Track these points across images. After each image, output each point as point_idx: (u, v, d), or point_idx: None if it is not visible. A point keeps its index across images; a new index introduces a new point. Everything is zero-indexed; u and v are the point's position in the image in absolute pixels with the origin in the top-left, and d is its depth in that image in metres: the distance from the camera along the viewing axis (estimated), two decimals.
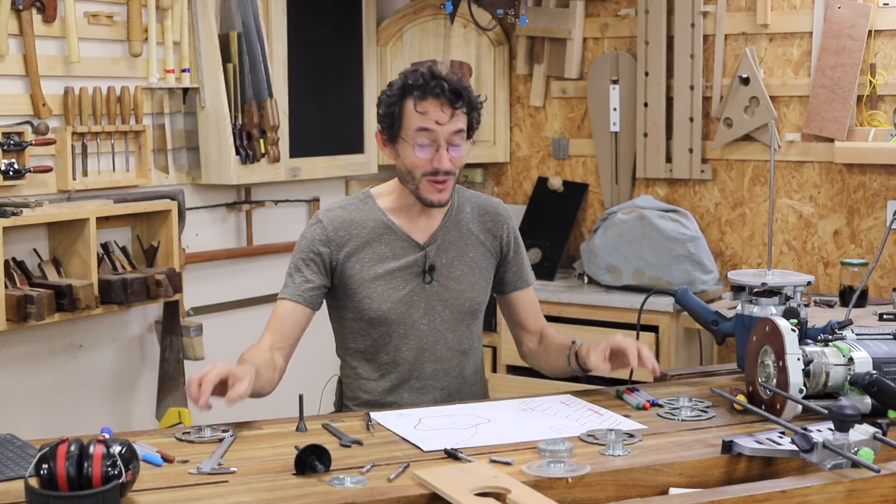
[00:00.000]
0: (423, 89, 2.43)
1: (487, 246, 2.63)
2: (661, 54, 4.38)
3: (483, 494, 1.74)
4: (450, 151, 2.45)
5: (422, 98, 2.43)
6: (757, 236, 4.34)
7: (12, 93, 3.46)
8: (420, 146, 2.44)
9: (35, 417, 3.58)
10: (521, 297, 2.70)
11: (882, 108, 4.05)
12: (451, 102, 2.43)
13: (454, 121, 2.44)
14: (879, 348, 2.27)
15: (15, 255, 3.44)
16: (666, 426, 2.20)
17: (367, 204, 2.57)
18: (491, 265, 2.64)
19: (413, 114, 2.44)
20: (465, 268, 2.59)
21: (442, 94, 2.42)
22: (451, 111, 2.44)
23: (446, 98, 2.43)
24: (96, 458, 1.68)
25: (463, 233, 2.59)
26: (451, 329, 2.58)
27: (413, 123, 2.44)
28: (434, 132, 2.43)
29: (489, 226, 2.64)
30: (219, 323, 4.17)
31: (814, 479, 1.83)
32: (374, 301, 2.51)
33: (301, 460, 1.90)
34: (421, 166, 2.45)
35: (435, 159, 2.44)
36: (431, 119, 2.43)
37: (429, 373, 2.57)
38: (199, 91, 3.97)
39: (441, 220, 2.58)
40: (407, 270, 2.54)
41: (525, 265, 2.70)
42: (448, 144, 2.45)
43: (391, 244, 2.53)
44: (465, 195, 2.65)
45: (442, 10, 4.21)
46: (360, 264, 2.52)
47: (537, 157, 4.79)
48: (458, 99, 2.44)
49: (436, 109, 2.43)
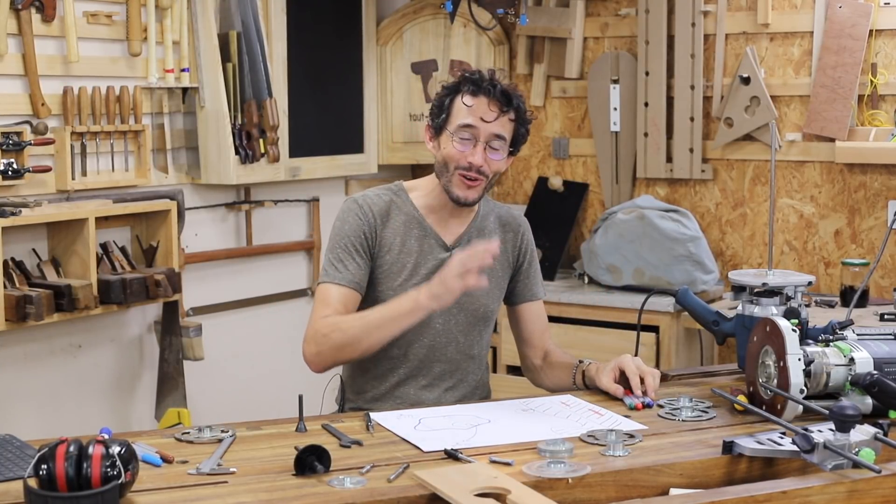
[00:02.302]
0: (477, 84, 2.49)
1: (506, 256, 2.66)
2: (662, 54, 4.38)
3: (483, 495, 1.73)
4: (488, 153, 2.49)
5: (474, 93, 2.49)
6: (758, 236, 4.34)
7: (11, 92, 3.45)
8: (461, 139, 2.49)
9: (34, 418, 3.58)
10: (528, 310, 2.72)
11: (883, 108, 4.04)
12: (500, 104, 2.48)
13: (498, 123, 2.49)
14: (880, 348, 2.27)
15: (14, 255, 3.44)
16: (666, 426, 2.20)
17: (401, 196, 2.60)
18: (506, 275, 2.68)
19: (461, 107, 2.49)
20: (483, 275, 2.59)
21: (493, 94, 2.48)
22: (498, 113, 2.48)
23: (496, 98, 2.48)
24: (95, 458, 1.67)
25: (485, 240, 2.60)
26: (464, 332, 2.61)
27: (459, 117, 2.49)
28: (477, 129, 2.48)
29: (509, 236, 2.68)
30: (218, 323, 4.17)
31: (815, 480, 1.82)
32: (397, 293, 2.52)
33: (301, 461, 1.90)
34: (456, 159, 2.49)
35: (471, 154, 2.48)
36: (477, 115, 2.47)
37: (437, 372, 2.59)
38: (198, 91, 3.96)
39: (468, 225, 2.61)
40: (431, 268, 2.55)
41: (537, 279, 2.72)
42: (487, 144, 2.48)
43: (420, 240, 2.56)
44: (489, 205, 2.69)
45: (442, 9, 4.21)
46: (391, 255, 2.54)
47: (537, 156, 4.78)
48: (508, 103, 2.49)
49: (483, 107, 2.48)
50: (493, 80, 2.50)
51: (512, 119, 2.51)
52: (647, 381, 2.37)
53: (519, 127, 2.54)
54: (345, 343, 2.40)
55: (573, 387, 2.55)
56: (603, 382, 2.44)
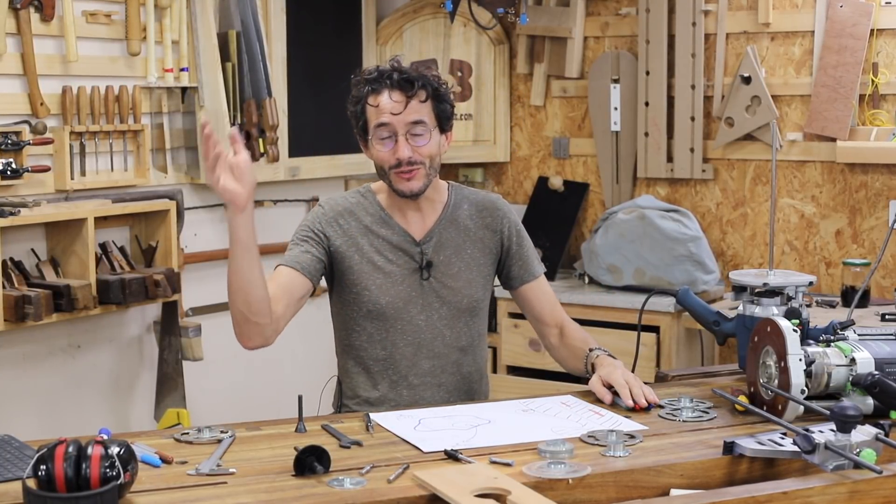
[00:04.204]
0: (376, 83, 2.48)
1: (486, 242, 2.63)
2: (663, 53, 4.37)
3: (483, 496, 1.73)
4: (411, 141, 2.47)
5: (375, 92, 2.48)
6: (758, 236, 4.33)
7: (10, 92, 3.45)
8: (380, 139, 2.48)
9: (33, 418, 3.57)
10: (531, 290, 2.69)
11: (884, 108, 4.04)
12: (404, 91, 2.46)
13: (410, 110, 2.46)
14: (881, 349, 2.26)
15: (13, 256, 3.43)
16: (667, 427, 2.19)
17: (367, 198, 2.61)
18: (490, 262, 2.64)
19: (371, 110, 2.49)
20: (462, 265, 2.60)
21: (393, 85, 2.46)
22: (405, 100, 2.46)
23: (397, 88, 2.46)
24: (94, 459, 1.67)
25: (460, 230, 2.61)
26: (449, 326, 2.59)
27: (373, 119, 2.48)
28: (390, 125, 2.46)
29: (488, 221, 2.64)
30: (218, 323, 4.15)
31: (815, 481, 1.82)
32: (373, 293, 2.53)
33: (300, 461, 1.89)
34: (386, 160, 2.49)
35: (395, 150, 2.47)
36: (385, 111, 2.46)
37: (426, 369, 2.58)
38: (197, 90, 3.96)
39: (437, 218, 2.60)
40: (404, 265, 2.55)
41: (531, 257, 2.69)
42: (408, 134, 2.47)
43: (388, 237, 2.56)
44: (462, 193, 2.66)
45: (442, 8, 4.20)
46: (360, 255, 2.54)
47: (538, 156, 4.78)
48: (411, 87, 2.46)
49: (388, 101, 2.46)
50: (390, 71, 2.47)
51: (423, 100, 2.48)
52: (634, 391, 2.32)
53: (437, 104, 2.51)
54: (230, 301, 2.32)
55: (587, 374, 2.53)
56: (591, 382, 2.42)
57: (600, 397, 2.37)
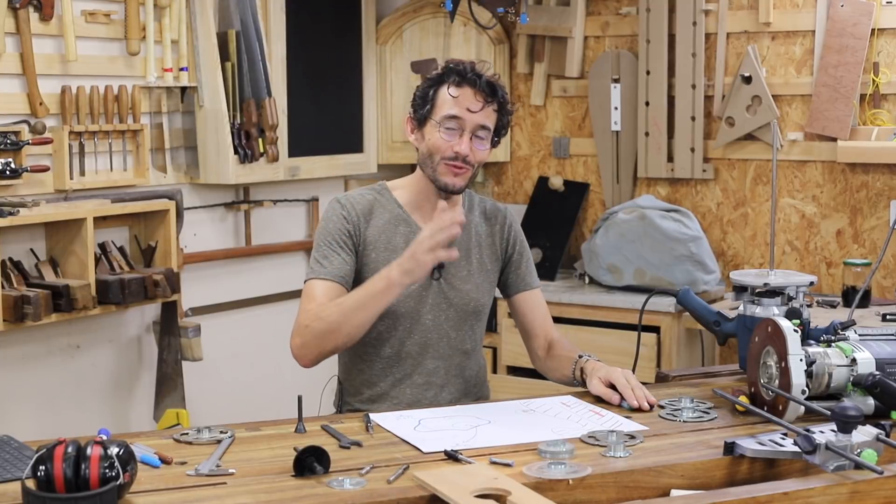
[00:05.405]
0: (462, 75, 2.51)
1: (494, 249, 2.67)
2: (663, 53, 4.37)
3: (483, 496, 1.72)
4: (474, 143, 2.51)
5: (459, 84, 2.50)
6: (759, 236, 4.33)
7: (9, 92, 3.44)
8: (447, 129, 2.50)
9: (32, 418, 3.57)
10: (525, 300, 2.71)
11: (885, 107, 4.03)
12: (485, 95, 2.50)
13: (484, 114, 2.51)
14: (882, 349, 2.26)
15: (12, 256, 3.43)
16: (667, 427, 2.19)
17: (384, 195, 2.61)
18: (496, 268, 2.68)
19: (447, 98, 2.51)
20: (471, 269, 2.62)
21: (478, 84, 2.50)
22: (483, 103, 2.50)
23: (481, 89, 2.50)
24: (94, 459, 1.67)
25: (471, 234, 2.63)
26: (455, 328, 2.60)
27: (445, 107, 2.51)
28: (462, 119, 2.49)
29: (495, 228, 2.68)
30: (217, 323, 4.16)
31: (816, 481, 1.81)
32: None
33: (300, 462, 1.89)
34: (443, 149, 2.50)
35: (457, 143, 2.49)
36: (463, 105, 2.49)
37: (431, 369, 2.59)
38: (197, 90, 3.95)
39: None
40: None
41: (529, 268, 2.72)
42: (473, 135, 2.50)
43: (406, 237, 2.55)
44: (474, 199, 2.70)
45: (442, 8, 4.20)
46: (377, 253, 2.54)
47: (538, 156, 4.77)
48: (493, 94, 2.51)
49: (469, 97, 2.50)
50: (477, 71, 2.51)
51: (496, 110, 2.53)
52: (636, 392, 2.33)
53: (502, 117, 2.56)
54: (326, 330, 2.39)
55: (573, 382, 2.53)
56: (593, 386, 2.41)
57: (607, 399, 2.36)
